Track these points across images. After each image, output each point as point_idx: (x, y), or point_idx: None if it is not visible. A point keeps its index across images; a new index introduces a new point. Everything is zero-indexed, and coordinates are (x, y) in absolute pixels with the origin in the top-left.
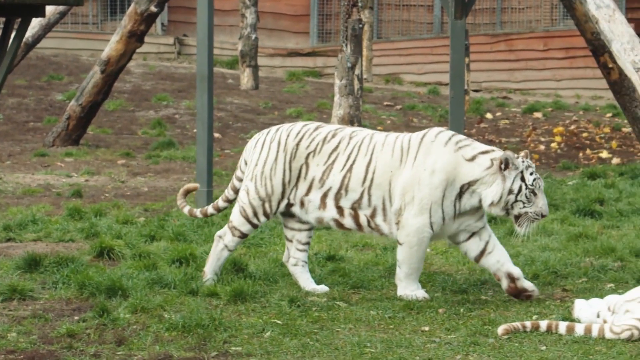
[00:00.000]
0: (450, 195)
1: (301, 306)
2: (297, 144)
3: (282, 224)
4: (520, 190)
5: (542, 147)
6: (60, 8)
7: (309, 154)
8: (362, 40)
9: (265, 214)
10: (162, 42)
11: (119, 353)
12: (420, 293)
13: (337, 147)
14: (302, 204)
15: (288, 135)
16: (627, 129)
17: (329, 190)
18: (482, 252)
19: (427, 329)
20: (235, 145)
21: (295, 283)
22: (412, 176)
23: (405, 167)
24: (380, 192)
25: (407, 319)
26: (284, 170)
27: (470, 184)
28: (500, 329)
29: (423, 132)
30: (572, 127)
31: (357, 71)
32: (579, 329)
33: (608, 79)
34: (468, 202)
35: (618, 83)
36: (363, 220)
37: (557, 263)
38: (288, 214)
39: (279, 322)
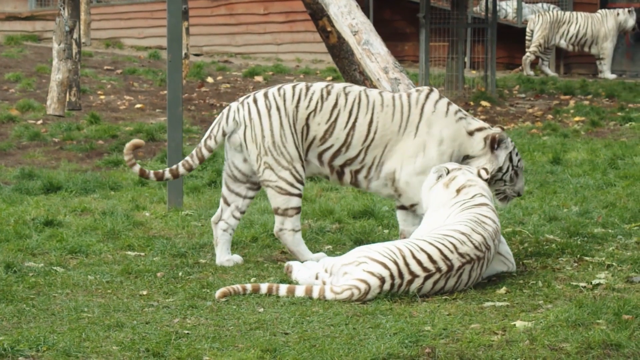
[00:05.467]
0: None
1: (17, 272)
2: (297, 106)
3: (223, 183)
4: (507, 170)
5: None
6: None
7: (309, 114)
8: (80, 4)
9: (298, 180)
10: None
11: None
12: None
13: (336, 103)
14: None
15: (284, 99)
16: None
17: (329, 148)
18: None
19: (145, 292)
20: None
21: (213, 248)
22: (417, 144)
23: (405, 137)
24: (375, 152)
25: (126, 283)
26: (292, 134)
27: (468, 157)
28: (218, 292)
29: (422, 100)
30: None
31: (75, 35)
32: (300, 291)
33: (327, 42)
34: None
35: (337, 47)
36: (347, 177)
37: None
38: (238, 179)
39: None
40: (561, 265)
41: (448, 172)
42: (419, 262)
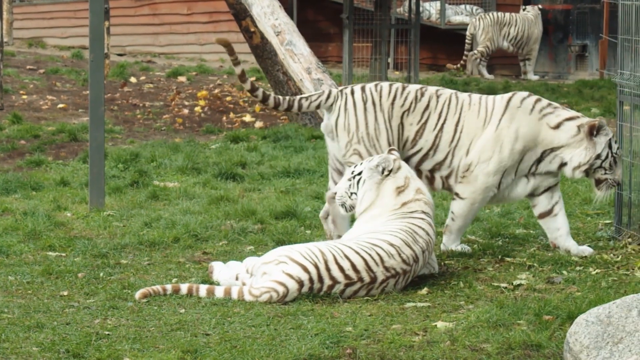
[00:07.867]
0: (529, 159)
1: None
2: (392, 103)
3: (330, 178)
4: (607, 157)
5: (186, 111)
6: None
7: (403, 113)
8: (2, 3)
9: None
10: None
11: None
12: (465, 247)
13: (428, 105)
14: None
15: (381, 95)
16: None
17: (418, 151)
18: (549, 212)
19: (66, 293)
20: None
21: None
22: (496, 137)
23: (488, 128)
24: (461, 153)
25: (46, 284)
26: (387, 130)
27: (553, 150)
28: (138, 293)
29: (508, 95)
30: (216, 91)
31: None
32: (219, 292)
33: (250, 43)
34: (546, 167)
35: (260, 47)
36: (438, 183)
37: (198, 226)
38: (341, 171)
39: None
40: (482, 266)
41: (397, 169)
42: (341, 269)
